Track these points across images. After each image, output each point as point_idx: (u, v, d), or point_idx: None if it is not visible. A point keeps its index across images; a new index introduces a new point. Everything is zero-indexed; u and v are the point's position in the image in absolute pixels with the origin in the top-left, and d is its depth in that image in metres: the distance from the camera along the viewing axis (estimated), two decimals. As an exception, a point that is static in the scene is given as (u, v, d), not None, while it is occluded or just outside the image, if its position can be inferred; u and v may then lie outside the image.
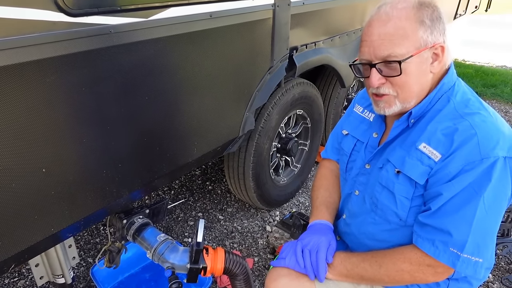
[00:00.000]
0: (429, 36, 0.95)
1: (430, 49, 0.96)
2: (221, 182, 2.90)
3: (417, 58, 0.95)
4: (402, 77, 0.96)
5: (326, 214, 1.25)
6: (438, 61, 0.98)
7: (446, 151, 0.94)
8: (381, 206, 1.09)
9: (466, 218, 0.91)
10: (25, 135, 1.01)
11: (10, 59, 0.93)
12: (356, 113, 1.29)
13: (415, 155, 1.00)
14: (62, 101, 1.08)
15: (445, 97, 1.01)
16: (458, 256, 0.91)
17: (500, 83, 5.38)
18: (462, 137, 0.92)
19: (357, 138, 1.24)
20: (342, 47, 2.51)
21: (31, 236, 1.12)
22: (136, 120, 1.31)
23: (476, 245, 0.91)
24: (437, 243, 0.94)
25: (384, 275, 1.02)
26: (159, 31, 1.28)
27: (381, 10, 0.97)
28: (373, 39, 0.97)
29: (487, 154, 0.89)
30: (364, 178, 1.18)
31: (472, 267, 0.91)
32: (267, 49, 1.83)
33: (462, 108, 0.97)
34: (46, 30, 0.99)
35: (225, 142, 1.78)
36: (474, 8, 5.83)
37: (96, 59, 1.13)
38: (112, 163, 1.28)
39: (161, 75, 1.34)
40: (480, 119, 0.94)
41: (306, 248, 1.12)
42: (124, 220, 1.51)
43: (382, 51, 0.96)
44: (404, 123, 1.05)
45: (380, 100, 1.03)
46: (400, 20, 0.94)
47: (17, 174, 1.03)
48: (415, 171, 0.99)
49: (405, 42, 0.94)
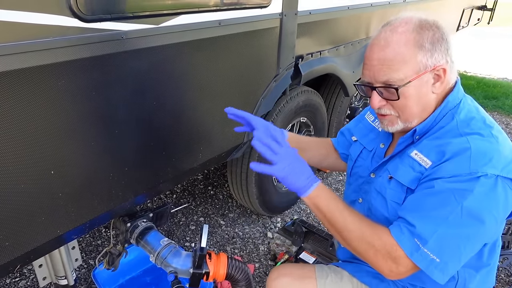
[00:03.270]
0: (429, 59, 0.94)
1: (430, 72, 0.96)
2: (223, 187, 2.91)
3: (416, 82, 0.95)
4: (402, 101, 0.98)
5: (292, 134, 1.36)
6: (440, 82, 0.98)
7: (437, 159, 0.95)
8: (375, 211, 1.11)
9: (437, 218, 0.90)
10: (35, 137, 1.03)
11: (23, 63, 0.95)
12: (367, 121, 1.31)
13: (407, 162, 1.02)
14: (72, 105, 1.09)
15: (449, 114, 1.01)
16: (418, 248, 0.90)
17: (501, 95, 5.41)
18: (455, 149, 0.93)
19: (364, 145, 1.26)
20: (346, 57, 2.53)
21: (37, 237, 1.13)
22: (144, 125, 1.33)
23: (439, 246, 0.90)
24: (404, 230, 0.93)
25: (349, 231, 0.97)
26: (169, 37, 1.30)
27: (381, 34, 0.97)
28: (373, 63, 0.98)
29: (476, 169, 0.89)
30: (368, 186, 1.20)
31: (427, 263, 0.90)
32: (273, 57, 1.85)
33: (463, 127, 0.97)
34: (59, 35, 1.01)
35: (230, 148, 1.79)
36: (477, 20, 5.88)
37: (107, 64, 1.14)
38: (119, 167, 1.30)
39: (170, 81, 1.36)
40: (478, 137, 0.94)
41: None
42: (128, 223, 1.52)
43: (381, 76, 0.97)
44: (409, 139, 1.06)
45: (384, 119, 1.06)
46: (398, 46, 0.94)
47: (26, 175, 1.04)
48: (406, 177, 1.01)
49: (404, 68, 0.94)
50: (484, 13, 5.94)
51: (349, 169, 1.31)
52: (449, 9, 4.30)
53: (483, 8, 5.82)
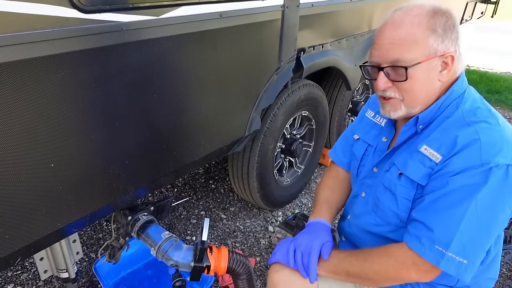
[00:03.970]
0: (440, 44, 0.95)
1: (439, 57, 0.96)
2: (224, 181, 2.91)
3: (425, 65, 0.95)
4: (408, 83, 0.97)
5: (326, 213, 1.25)
6: (447, 70, 0.98)
7: (447, 153, 0.95)
8: (382, 206, 1.10)
9: (454, 217, 0.90)
10: (35, 129, 1.02)
11: (22, 54, 0.93)
12: (367, 118, 1.29)
13: (417, 157, 1.01)
14: (72, 97, 1.08)
15: (454, 104, 1.01)
16: (443, 254, 0.90)
17: (504, 90, 5.37)
18: (465, 141, 0.92)
19: (368, 143, 1.25)
20: (349, 50, 2.51)
21: (38, 230, 1.13)
22: (144, 118, 1.32)
23: (462, 246, 0.90)
24: (423, 240, 0.93)
25: (369, 270, 1.01)
26: (170, 29, 1.29)
27: (395, 14, 0.98)
28: (384, 42, 0.98)
29: (488, 159, 0.89)
30: (371, 180, 1.19)
31: (456, 267, 0.90)
32: (275, 50, 1.84)
33: (469, 116, 0.97)
34: (59, 26, 1.00)
35: (231, 141, 1.79)
36: (480, 14, 5.82)
37: (107, 55, 1.13)
38: (119, 160, 1.29)
39: (170, 74, 1.35)
40: (486, 126, 0.94)
41: (299, 249, 1.12)
42: (129, 217, 1.51)
43: (391, 55, 0.96)
44: (412, 128, 1.06)
45: (387, 103, 1.05)
46: (412, 26, 0.94)
47: (26, 168, 1.03)
48: (417, 173, 1.00)
49: (415, 49, 0.94)
50: (487, 7, 5.89)
51: (355, 169, 1.29)
52: (452, 2, 4.26)
53: (486, 1, 5.77)
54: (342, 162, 1.40)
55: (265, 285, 1.99)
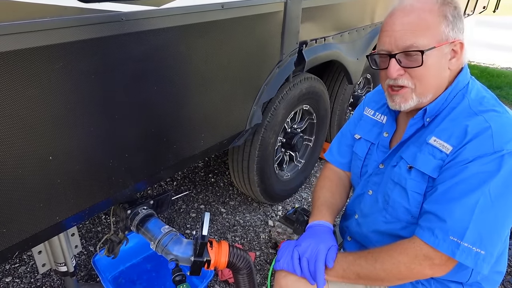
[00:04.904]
0: (451, 31, 0.95)
1: (450, 44, 0.96)
2: (224, 175, 2.90)
3: (437, 51, 0.95)
4: (422, 69, 0.96)
5: (327, 215, 1.21)
6: (457, 58, 0.98)
7: (458, 143, 0.93)
8: (393, 203, 1.08)
9: (468, 205, 0.88)
10: (33, 121, 1.00)
11: (19, 43, 0.91)
12: (367, 116, 1.27)
13: (427, 149, 0.99)
14: (71, 88, 1.06)
15: (460, 94, 1.01)
16: (458, 245, 0.88)
17: (505, 85, 5.36)
18: (476, 130, 0.91)
19: (371, 141, 1.22)
20: (351, 43, 2.48)
21: (36, 223, 1.11)
22: (144, 110, 1.29)
23: (478, 235, 0.87)
24: (437, 231, 0.91)
25: (380, 270, 0.99)
26: (171, 20, 1.26)
27: (405, 1, 0.97)
28: (396, 29, 0.96)
29: (500, 147, 0.88)
30: (378, 177, 1.16)
31: (473, 258, 0.88)
32: (277, 43, 1.81)
33: (476, 106, 0.97)
34: (57, 15, 0.97)
35: (231, 135, 1.76)
36: (482, 8, 5.79)
37: (106, 46, 1.11)
38: (119, 153, 1.27)
39: (171, 65, 1.32)
40: (495, 114, 0.93)
41: (304, 257, 1.07)
42: (128, 211, 1.50)
43: (404, 41, 0.95)
44: (420, 121, 1.04)
45: (397, 94, 1.02)
46: (424, 11, 0.94)
47: (24, 161, 1.01)
48: (428, 165, 0.98)
49: (428, 34, 0.94)
50: (489, 1, 5.86)
51: (358, 169, 1.26)
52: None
53: (489, -5, 5.74)
54: (340, 163, 1.38)
55: (265, 279, 1.99)
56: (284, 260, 1.11)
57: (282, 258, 1.12)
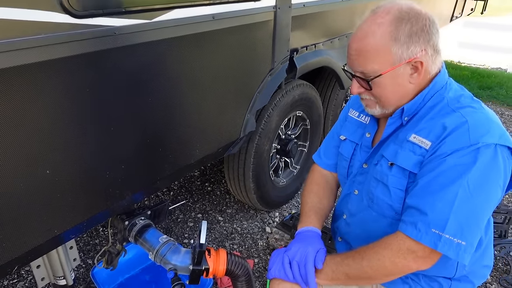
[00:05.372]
0: (405, 52, 0.96)
1: (407, 63, 0.98)
2: (220, 183, 2.91)
3: (391, 73, 0.98)
4: (377, 90, 1.02)
5: (315, 220, 1.24)
6: (418, 73, 1.00)
7: (436, 138, 0.97)
8: (377, 200, 1.11)
9: (447, 198, 0.91)
10: (30, 136, 1.01)
11: (14, 60, 0.93)
12: (351, 117, 1.30)
13: (407, 146, 1.03)
14: (66, 103, 1.08)
15: (437, 95, 1.04)
16: (440, 237, 0.90)
17: (495, 85, 5.43)
18: (453, 125, 0.95)
19: (355, 142, 1.25)
20: (341, 49, 2.52)
21: (35, 237, 1.12)
22: (139, 121, 1.31)
23: (458, 226, 0.90)
24: (419, 225, 0.93)
25: (367, 267, 1.00)
26: (163, 32, 1.28)
27: (361, 25, 1.00)
28: (351, 53, 1.02)
29: (476, 140, 0.91)
30: (362, 177, 1.19)
31: (454, 249, 0.90)
32: (268, 51, 1.84)
33: (454, 104, 1.01)
34: (50, 31, 0.99)
35: (226, 143, 1.78)
36: (470, 10, 5.88)
37: (100, 60, 1.13)
38: (115, 164, 1.28)
39: (164, 77, 1.35)
40: (471, 110, 0.97)
41: (294, 260, 1.10)
42: (126, 222, 1.50)
43: (357, 66, 1.01)
44: (398, 120, 1.08)
45: (363, 102, 1.11)
46: (374, 38, 0.96)
47: (22, 175, 1.03)
48: (408, 161, 1.02)
49: (378, 60, 0.97)
50: (477, 3, 5.95)
51: (344, 169, 1.28)
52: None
53: (476, -3, 5.83)
54: (327, 164, 1.40)
55: (263, 286, 1.99)
56: (276, 267, 1.13)
57: (274, 265, 1.14)
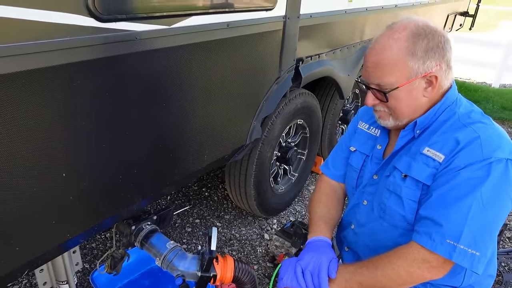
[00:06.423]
0: (421, 66, 1.00)
1: (422, 78, 1.02)
2: (218, 189, 2.90)
3: (407, 86, 1.02)
4: (392, 102, 1.05)
5: (325, 230, 1.24)
6: (432, 87, 1.04)
7: (450, 152, 1.00)
8: (389, 211, 1.13)
9: (462, 210, 0.94)
10: (48, 138, 1.00)
11: (39, 62, 0.92)
12: (361, 130, 1.33)
13: (421, 159, 1.05)
14: (85, 106, 1.07)
15: (449, 109, 1.08)
16: (455, 247, 0.93)
17: (482, 99, 5.58)
18: (466, 139, 0.99)
19: (366, 153, 1.28)
20: (342, 60, 2.57)
21: (48, 241, 1.11)
22: (153, 126, 1.31)
23: (472, 238, 0.93)
24: (434, 235, 0.96)
25: (381, 276, 1.02)
26: (180, 39, 1.29)
27: (379, 38, 1.03)
28: (368, 65, 1.05)
29: (489, 155, 0.95)
30: (372, 188, 1.21)
31: (469, 260, 0.93)
32: (276, 60, 1.86)
33: (465, 119, 1.04)
34: (76, 34, 0.99)
35: (233, 150, 1.79)
36: (459, 26, 6.06)
37: (120, 64, 1.13)
38: (128, 169, 1.28)
39: (179, 83, 1.35)
40: (482, 126, 1.01)
41: (307, 270, 1.10)
42: (132, 226, 1.49)
43: (373, 79, 1.04)
44: (410, 133, 1.11)
45: (377, 113, 1.14)
46: (392, 52, 1.00)
47: (37, 177, 1.01)
48: (422, 173, 1.04)
49: (395, 73, 1.00)
50: (465, 19, 6.14)
51: (353, 180, 1.30)
52: (435, 15, 4.43)
53: (465, 14, 6.01)
54: (335, 175, 1.41)
55: (264, 293, 1.99)
56: (288, 276, 1.12)
57: (286, 275, 1.13)
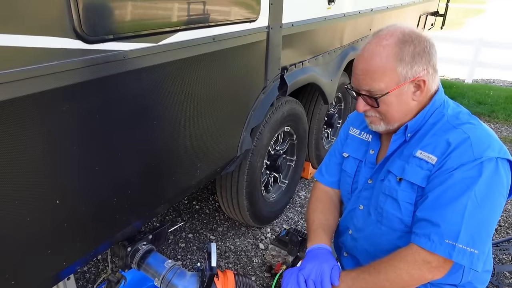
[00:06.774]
0: (409, 71, 1.03)
1: (410, 82, 1.05)
2: (208, 201, 2.87)
3: (396, 91, 1.05)
4: (383, 107, 1.08)
5: (324, 237, 1.26)
6: (420, 91, 1.07)
7: (442, 153, 1.03)
8: (386, 214, 1.14)
9: (458, 209, 0.97)
10: (39, 166, 0.97)
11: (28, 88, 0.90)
12: (353, 135, 1.34)
13: (414, 162, 1.08)
14: (76, 130, 1.05)
15: (437, 112, 1.11)
16: (454, 247, 0.95)
17: (458, 96, 5.74)
18: (456, 141, 1.02)
19: (359, 159, 1.29)
20: (324, 65, 2.60)
21: (43, 272, 1.07)
22: (145, 145, 1.29)
23: (470, 236, 0.95)
24: (432, 236, 0.98)
25: (384, 280, 1.04)
26: (168, 55, 1.28)
27: (367, 46, 1.06)
28: (357, 72, 1.08)
29: (480, 154, 0.98)
30: (368, 192, 1.23)
31: (468, 258, 0.95)
32: (261, 70, 1.87)
33: (454, 120, 1.07)
34: (63, 58, 0.97)
35: (225, 162, 1.78)
36: (430, 25, 6.25)
37: (109, 85, 1.11)
38: (122, 191, 1.25)
39: (168, 99, 1.34)
40: (471, 126, 1.05)
41: (310, 279, 1.11)
42: (128, 248, 1.46)
43: (364, 85, 1.07)
44: (402, 137, 1.13)
45: (368, 118, 1.17)
46: (380, 58, 1.03)
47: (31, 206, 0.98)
48: (416, 176, 1.07)
49: (384, 79, 1.03)
50: (436, 19, 6.34)
51: (348, 185, 1.31)
52: (408, 16, 4.55)
53: (435, 14, 6.21)
54: (329, 181, 1.42)
55: (264, 304, 1.98)
56: (291, 286, 1.12)
57: (288, 285, 1.13)
